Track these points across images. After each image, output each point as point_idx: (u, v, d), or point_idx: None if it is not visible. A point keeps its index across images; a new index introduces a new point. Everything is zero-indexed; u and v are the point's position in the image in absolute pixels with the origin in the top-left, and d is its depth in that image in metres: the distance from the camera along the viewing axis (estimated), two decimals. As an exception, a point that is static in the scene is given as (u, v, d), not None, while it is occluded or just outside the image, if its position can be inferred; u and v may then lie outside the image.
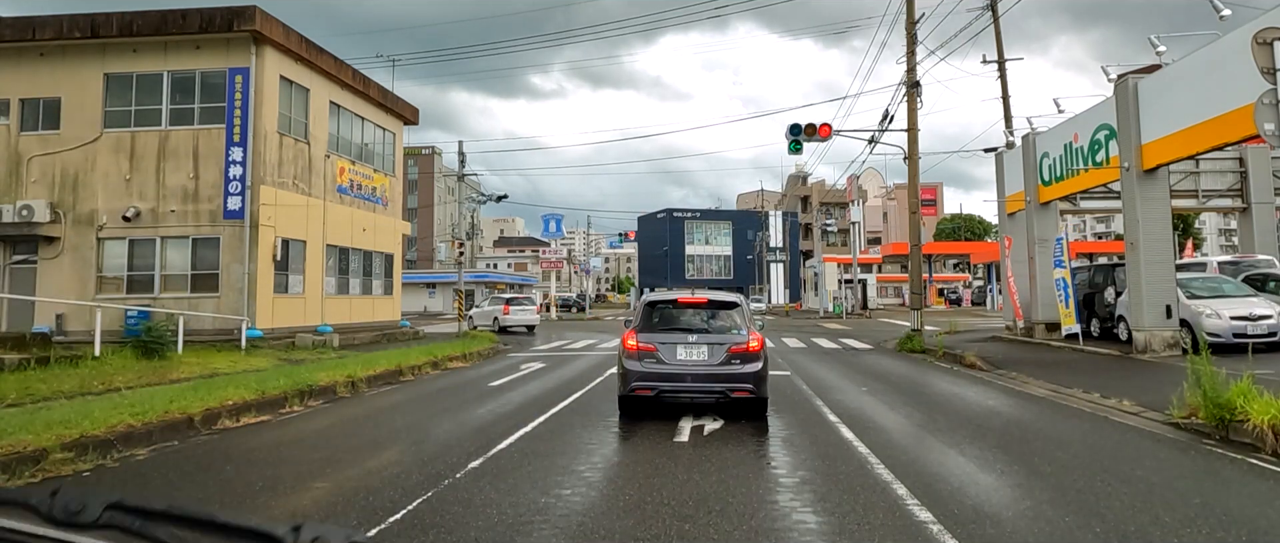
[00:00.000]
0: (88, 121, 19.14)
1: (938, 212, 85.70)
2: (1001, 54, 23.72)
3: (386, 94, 25.61)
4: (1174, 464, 6.18)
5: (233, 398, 9.01)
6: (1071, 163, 16.98)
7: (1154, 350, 13.52)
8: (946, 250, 63.38)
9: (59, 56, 19.33)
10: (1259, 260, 16.87)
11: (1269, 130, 7.78)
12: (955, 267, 68.40)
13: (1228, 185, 19.49)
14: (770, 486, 5.63)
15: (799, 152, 20.20)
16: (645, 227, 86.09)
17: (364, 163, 24.33)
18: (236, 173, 18.69)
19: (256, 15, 18.47)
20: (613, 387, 10.00)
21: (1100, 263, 27.14)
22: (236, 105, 18.82)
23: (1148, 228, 13.82)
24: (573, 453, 6.83)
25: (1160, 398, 8.53)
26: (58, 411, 8.09)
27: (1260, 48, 8.06)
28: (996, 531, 4.49)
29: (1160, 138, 13.47)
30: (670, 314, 8.80)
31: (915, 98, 19.26)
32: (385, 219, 25.54)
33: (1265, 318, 13.28)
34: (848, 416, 8.70)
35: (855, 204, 46.27)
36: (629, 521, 4.74)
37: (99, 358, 13.55)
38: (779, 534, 4.48)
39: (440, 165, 73.13)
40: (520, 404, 9.96)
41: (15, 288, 18.97)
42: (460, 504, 5.15)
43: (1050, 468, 6.03)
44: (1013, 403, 9.73)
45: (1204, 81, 12.32)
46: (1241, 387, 6.90)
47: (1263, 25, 9.69)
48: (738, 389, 8.10)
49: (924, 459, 6.44)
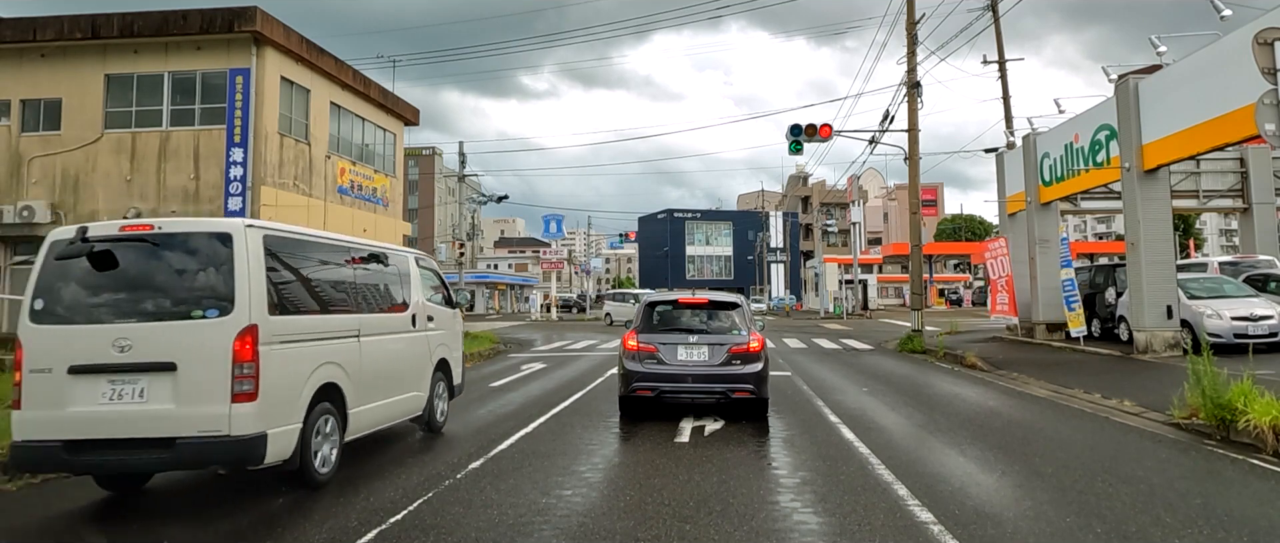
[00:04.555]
0: (88, 122, 19.16)
1: (938, 212, 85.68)
2: (1002, 54, 23.70)
3: (387, 95, 25.61)
4: (1175, 465, 6.17)
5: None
6: (1072, 163, 16.97)
7: (1155, 351, 13.51)
8: (947, 251, 63.38)
9: (60, 57, 19.34)
10: (1260, 261, 16.85)
11: (1270, 131, 7.77)
12: (956, 267, 68.42)
13: (1228, 186, 19.48)
14: (771, 486, 5.63)
15: (799, 152, 20.20)
16: (646, 227, 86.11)
17: (365, 163, 24.34)
18: (237, 174, 18.70)
19: (257, 16, 18.48)
20: (613, 387, 10.00)
21: (1101, 263, 27.13)
22: (237, 106, 18.83)
23: (1148, 228, 13.81)
24: (573, 454, 6.84)
25: (1161, 398, 8.53)
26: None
27: (1261, 48, 8.06)
28: (997, 531, 4.49)
29: (1161, 138, 13.46)
30: (671, 315, 8.80)
31: (916, 98, 19.25)
32: (386, 220, 25.53)
33: (1266, 318, 13.27)
34: (849, 416, 8.70)
35: (856, 204, 46.22)
36: (629, 521, 4.74)
37: (100, 359, 13.51)
38: (780, 535, 4.48)
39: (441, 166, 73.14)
40: (521, 405, 9.96)
41: (16, 289, 18.97)
42: (461, 505, 5.16)
43: (1051, 469, 6.03)
44: (1013, 404, 9.73)
45: (1204, 82, 12.31)
46: (1242, 387, 6.89)
47: (1263, 25, 9.68)
48: (738, 390, 8.10)
49: (925, 460, 6.44)
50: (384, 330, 7.02)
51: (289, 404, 5.46)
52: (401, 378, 7.29)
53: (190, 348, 5.12)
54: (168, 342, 5.13)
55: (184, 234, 5.51)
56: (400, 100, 26.55)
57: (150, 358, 5.10)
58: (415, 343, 7.68)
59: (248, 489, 5.69)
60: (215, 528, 4.85)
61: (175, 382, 5.08)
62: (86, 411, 5.08)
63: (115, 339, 5.11)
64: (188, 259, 5.40)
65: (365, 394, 6.48)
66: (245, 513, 5.10)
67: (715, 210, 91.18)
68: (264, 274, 5.39)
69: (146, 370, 5.10)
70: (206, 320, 5.16)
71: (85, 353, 5.13)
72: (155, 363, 5.09)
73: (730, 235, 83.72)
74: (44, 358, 5.18)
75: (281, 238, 5.83)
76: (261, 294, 5.32)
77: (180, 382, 5.08)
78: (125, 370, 5.11)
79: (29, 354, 5.23)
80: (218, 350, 5.09)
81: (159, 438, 5.02)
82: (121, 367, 5.10)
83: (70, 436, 5.06)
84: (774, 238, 67.62)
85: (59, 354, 5.15)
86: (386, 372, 6.95)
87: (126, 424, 5.06)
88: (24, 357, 5.24)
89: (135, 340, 5.11)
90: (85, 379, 5.11)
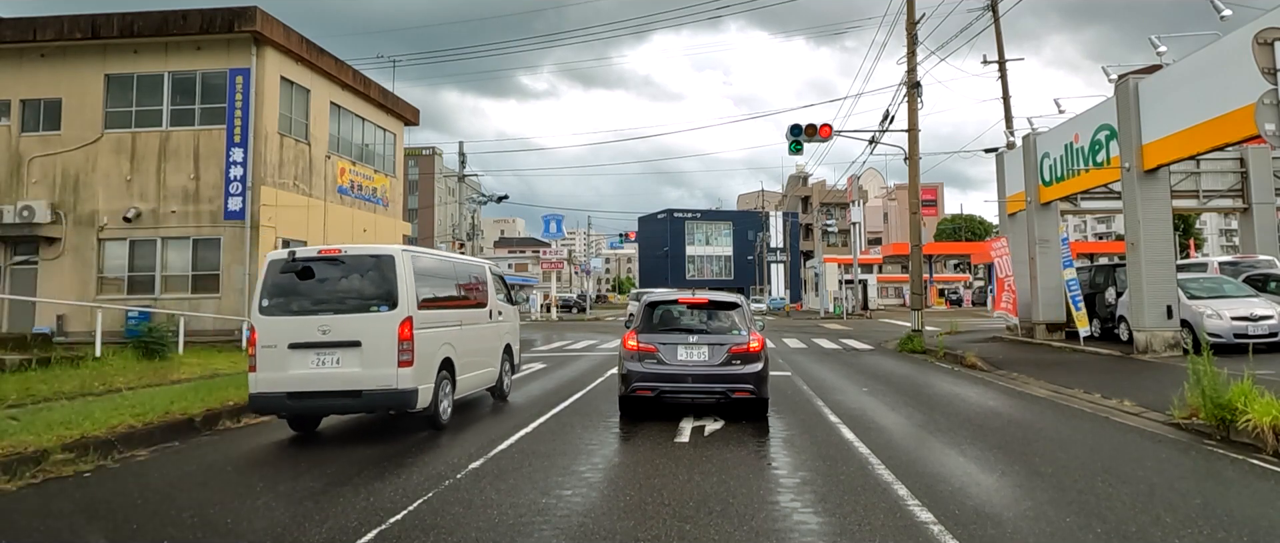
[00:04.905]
0: (88, 122, 19.16)
1: (938, 212, 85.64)
2: (1002, 54, 23.68)
3: (387, 95, 25.62)
4: (1175, 465, 6.17)
5: (234, 399, 9.02)
6: (1072, 163, 16.97)
7: (1155, 351, 13.51)
8: (947, 251, 63.37)
9: (60, 57, 19.34)
10: (1259, 261, 16.85)
11: (1270, 131, 7.77)
12: (956, 267, 68.37)
13: (1228, 186, 19.47)
14: (771, 486, 5.63)
15: (799, 152, 20.20)
16: (646, 227, 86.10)
17: (365, 163, 24.35)
18: (237, 174, 18.71)
19: (257, 16, 18.48)
20: (613, 387, 10.00)
21: (1101, 263, 27.12)
22: (237, 106, 18.84)
23: (1149, 228, 13.81)
24: (573, 454, 6.84)
25: (1161, 398, 8.53)
26: (59, 411, 8.10)
27: (1261, 48, 8.05)
28: (997, 531, 4.49)
29: (1161, 138, 13.46)
30: (671, 315, 8.80)
31: (916, 98, 19.25)
32: (386, 220, 25.54)
33: (1266, 318, 13.27)
34: (849, 416, 8.70)
35: (856, 204, 46.21)
36: (630, 521, 4.74)
37: (100, 359, 13.55)
38: (780, 535, 4.47)
39: (441, 166, 73.11)
40: (521, 405, 9.96)
41: (16, 289, 18.98)
42: (461, 505, 5.16)
43: (1051, 469, 6.03)
44: (1013, 404, 9.73)
45: (1204, 82, 12.30)
46: (1242, 387, 6.89)
47: (1263, 25, 9.67)
48: (738, 390, 8.10)
49: (925, 460, 6.44)
50: (475, 322, 9.46)
51: (428, 370, 7.83)
52: (485, 357, 9.71)
53: (369, 331, 7.47)
54: (354, 327, 7.49)
55: (360, 255, 7.95)
56: (400, 100, 26.55)
57: (343, 338, 7.45)
58: (491, 331, 10.08)
59: (248, 490, 5.69)
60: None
61: (360, 353, 7.44)
62: (301, 372, 7.43)
63: (319, 326, 7.47)
64: (364, 272, 7.76)
65: (465, 367, 8.86)
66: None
67: (715, 210, 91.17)
68: (413, 282, 7.73)
69: (341, 346, 7.45)
70: (380, 313, 7.53)
71: (299, 335, 7.45)
72: (347, 341, 7.45)
73: (730, 235, 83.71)
74: (270, 338, 7.49)
75: (420, 257, 8.39)
76: (412, 295, 7.67)
77: (364, 353, 7.44)
78: (327, 346, 7.45)
79: (261, 336, 7.52)
80: (388, 332, 7.43)
81: (350, 390, 7.43)
82: (324, 344, 7.45)
83: (291, 388, 7.41)
84: (774, 238, 67.64)
85: (281, 336, 7.47)
86: (477, 350, 9.37)
87: (329, 381, 7.42)
88: (257, 337, 7.52)
89: (332, 327, 7.47)
90: (299, 352, 7.44)
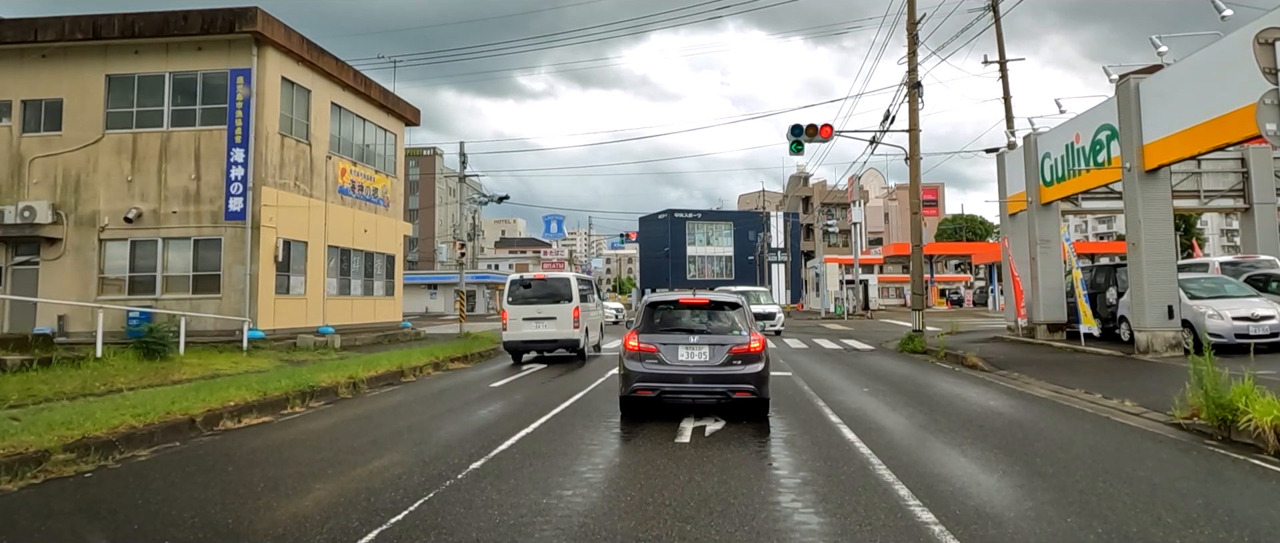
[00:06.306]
0: (89, 123, 19.16)
1: (939, 212, 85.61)
2: (1002, 54, 23.70)
3: (387, 95, 25.61)
4: (1176, 465, 6.17)
5: (235, 399, 9.03)
6: (1073, 163, 16.97)
7: (1156, 351, 13.51)
8: (948, 251, 63.30)
9: (61, 58, 19.35)
10: (1261, 261, 16.85)
11: (1271, 131, 7.77)
12: (957, 267, 68.32)
13: (1230, 186, 19.46)
14: (772, 487, 5.63)
15: (800, 152, 20.20)
16: (646, 227, 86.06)
17: (365, 164, 24.35)
18: (238, 174, 18.71)
19: (258, 16, 18.48)
20: (614, 388, 10.00)
21: (1102, 263, 27.09)
22: (238, 106, 18.84)
23: (1150, 228, 13.81)
24: (574, 454, 6.84)
25: (1162, 399, 8.52)
26: (60, 412, 8.10)
27: (1262, 48, 8.06)
28: (998, 532, 4.49)
29: (1162, 138, 13.46)
30: (671, 315, 8.79)
31: (916, 98, 19.24)
32: (386, 220, 25.55)
33: (1267, 318, 13.26)
34: (849, 416, 8.70)
35: (856, 205, 46.20)
36: (630, 522, 4.74)
37: (101, 359, 13.56)
38: (781, 536, 4.47)
39: (441, 166, 73.14)
40: (521, 405, 9.96)
41: (17, 289, 18.99)
42: (462, 505, 5.16)
43: (1052, 469, 6.03)
44: (1014, 404, 9.72)
45: (1205, 82, 12.30)
46: (1243, 387, 6.89)
47: (1263, 25, 9.67)
48: (739, 390, 8.10)
49: (926, 460, 6.44)
50: (590, 308, 17.95)
51: (587, 332, 17.15)
52: (592, 330, 17.97)
53: (559, 314, 16.32)
54: (552, 311, 16.34)
55: (556, 277, 17.22)
56: (401, 101, 26.55)
57: (546, 316, 16.34)
58: (598, 313, 19.58)
59: (249, 491, 5.70)
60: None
61: (556, 323, 16.29)
62: (528, 332, 16.32)
63: (536, 311, 16.34)
64: (556, 284, 16.80)
65: (589, 330, 17.53)
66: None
67: (716, 211, 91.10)
68: (577, 288, 16.76)
69: (546, 320, 16.32)
70: (565, 304, 16.38)
71: (527, 314, 16.35)
72: (549, 317, 16.32)
73: (731, 236, 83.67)
74: (513, 315, 16.37)
75: (574, 280, 17.03)
76: (576, 294, 16.54)
77: (558, 323, 16.31)
78: (540, 319, 16.32)
79: (510, 314, 16.38)
80: (569, 313, 16.30)
81: (554, 340, 16.30)
82: (539, 317, 16.34)
83: (522, 339, 16.37)
84: (775, 238, 67.60)
85: (518, 314, 16.36)
86: (594, 323, 18.28)
87: (542, 336, 16.33)
88: (507, 315, 16.40)
89: (542, 311, 16.34)
90: (528, 323, 16.31)
